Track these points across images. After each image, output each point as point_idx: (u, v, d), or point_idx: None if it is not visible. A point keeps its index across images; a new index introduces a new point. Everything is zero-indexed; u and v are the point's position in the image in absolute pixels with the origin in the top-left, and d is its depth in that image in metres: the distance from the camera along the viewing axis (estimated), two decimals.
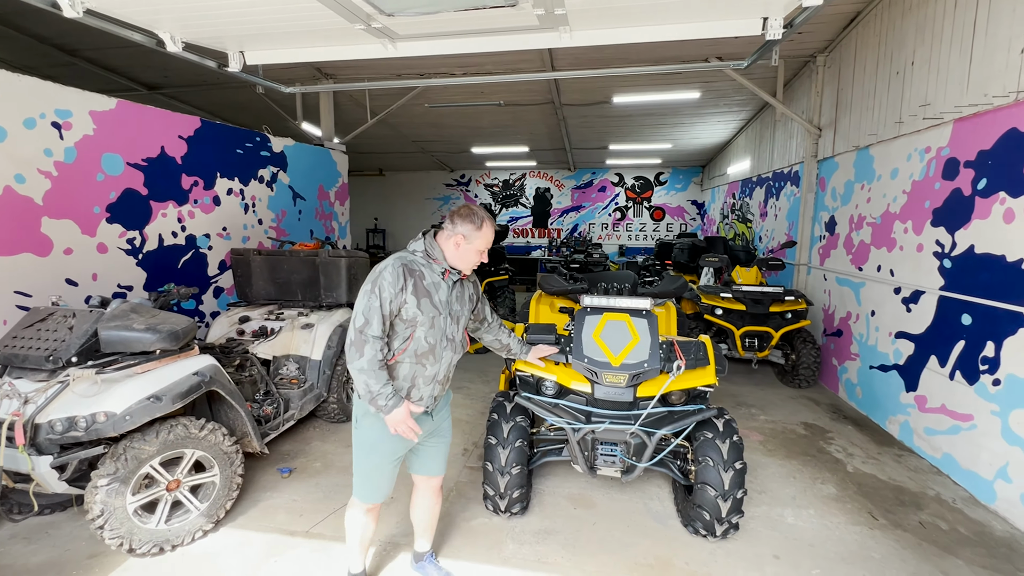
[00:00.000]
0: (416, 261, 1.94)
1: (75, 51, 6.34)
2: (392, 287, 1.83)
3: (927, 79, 3.78)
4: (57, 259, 3.44)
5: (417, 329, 1.91)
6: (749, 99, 7.52)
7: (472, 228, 1.93)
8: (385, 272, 1.85)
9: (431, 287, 1.93)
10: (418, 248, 1.98)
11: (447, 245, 1.97)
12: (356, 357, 1.82)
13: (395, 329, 1.91)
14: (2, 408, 2.37)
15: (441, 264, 1.96)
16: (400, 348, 1.91)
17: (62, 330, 2.54)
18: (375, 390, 1.82)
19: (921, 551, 2.66)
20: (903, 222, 4.08)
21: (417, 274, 1.90)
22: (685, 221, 13.19)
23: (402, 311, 1.87)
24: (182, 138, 4.41)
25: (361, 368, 1.82)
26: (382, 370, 1.83)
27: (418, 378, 1.97)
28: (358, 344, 1.82)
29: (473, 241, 1.95)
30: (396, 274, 1.84)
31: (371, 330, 1.82)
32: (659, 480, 3.29)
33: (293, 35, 3.40)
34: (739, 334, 4.95)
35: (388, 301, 1.83)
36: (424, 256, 1.96)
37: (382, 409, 1.84)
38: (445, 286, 1.98)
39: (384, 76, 6.58)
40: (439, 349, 1.97)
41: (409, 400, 1.96)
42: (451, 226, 1.95)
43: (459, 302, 2.06)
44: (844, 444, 3.91)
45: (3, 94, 3.09)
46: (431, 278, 1.94)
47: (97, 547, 2.57)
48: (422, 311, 1.89)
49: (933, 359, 3.66)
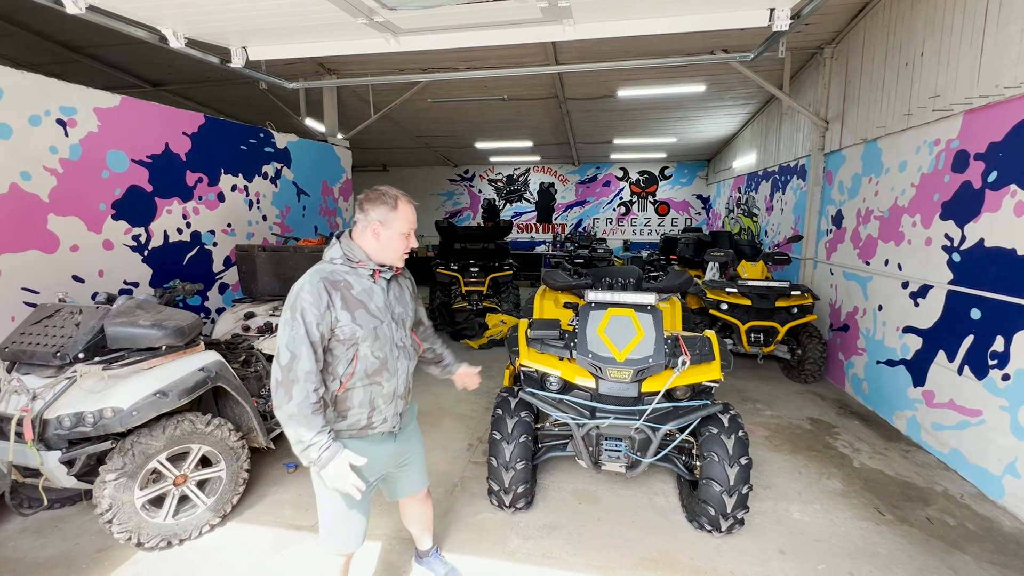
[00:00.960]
0: (337, 271, 1.68)
1: (79, 48, 6.36)
2: (316, 308, 1.58)
3: (937, 70, 3.73)
4: (64, 256, 3.46)
5: (360, 346, 1.66)
6: (755, 92, 7.45)
7: (387, 210, 1.68)
8: (302, 293, 1.59)
9: (363, 295, 1.68)
10: (335, 255, 1.71)
11: (365, 240, 1.71)
12: (284, 401, 1.55)
13: (334, 353, 1.65)
14: (11, 404, 2.40)
15: (367, 265, 1.71)
16: (347, 373, 1.66)
17: (69, 326, 2.56)
18: (307, 439, 1.55)
19: (928, 547, 2.64)
20: (911, 216, 4.04)
21: (342, 285, 1.65)
22: (690, 215, 13.12)
23: (336, 331, 1.62)
24: (186, 135, 4.42)
25: (290, 415, 1.54)
26: (316, 414, 1.57)
27: (376, 399, 1.74)
28: (285, 385, 1.55)
29: (392, 225, 1.69)
30: (317, 292, 1.59)
31: (300, 366, 1.55)
32: (663, 475, 3.28)
33: (296, 30, 3.38)
34: (744, 329, 4.92)
35: (315, 325, 1.57)
36: (345, 262, 1.70)
37: (316, 463, 1.57)
38: (379, 289, 1.74)
39: (387, 71, 6.56)
40: (392, 361, 1.75)
41: (372, 426, 1.76)
42: (363, 216, 1.70)
43: (399, 303, 1.82)
44: (851, 439, 3.89)
45: (8, 91, 3.10)
46: (360, 285, 1.69)
47: (106, 541, 2.60)
48: (360, 325, 1.65)
49: (941, 354, 3.63)
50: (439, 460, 3.51)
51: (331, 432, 1.61)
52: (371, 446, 1.78)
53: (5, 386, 2.45)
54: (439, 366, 2.19)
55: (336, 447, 1.60)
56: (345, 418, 1.71)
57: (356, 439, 1.75)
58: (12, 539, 2.64)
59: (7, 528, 2.73)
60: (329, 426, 1.64)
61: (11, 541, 2.63)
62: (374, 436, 1.79)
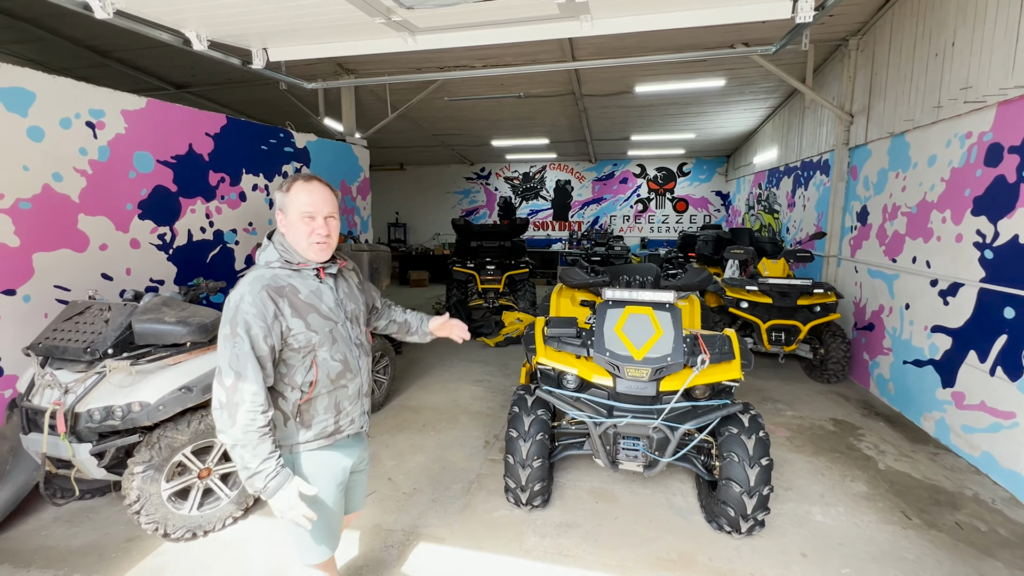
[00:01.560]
0: (278, 275, 1.53)
1: (107, 52, 6.54)
2: (262, 320, 1.43)
3: (969, 61, 3.60)
4: (93, 254, 3.56)
5: (318, 352, 1.55)
6: (777, 86, 7.30)
7: (281, 195, 1.54)
8: (243, 305, 1.43)
9: (311, 298, 1.56)
10: (271, 258, 1.56)
11: (288, 236, 1.57)
12: (228, 425, 1.40)
13: (288, 364, 1.53)
14: (44, 397, 2.48)
15: (308, 265, 1.58)
16: (308, 382, 1.55)
17: (99, 323, 2.63)
18: (253, 466, 1.41)
19: (958, 552, 2.56)
20: (941, 211, 3.91)
21: (288, 290, 1.51)
22: (709, 212, 12.94)
23: (290, 340, 1.50)
24: (209, 135, 4.51)
25: (235, 441, 1.40)
26: (264, 440, 1.42)
27: (342, 402, 1.65)
28: (229, 408, 1.40)
29: (288, 208, 1.53)
30: (260, 302, 1.44)
31: (246, 386, 1.40)
32: (682, 475, 3.25)
33: (315, 31, 3.42)
34: (765, 328, 4.84)
35: (262, 338, 1.44)
36: (284, 264, 1.55)
37: (261, 492, 1.42)
38: (327, 289, 1.61)
39: (404, 70, 6.60)
40: (353, 360, 1.66)
41: (340, 430, 1.65)
42: (276, 208, 1.58)
43: (350, 299, 1.71)
44: (875, 441, 3.79)
45: (41, 96, 3.20)
46: (306, 287, 1.56)
47: (134, 531, 2.68)
48: (315, 330, 1.53)
49: (972, 354, 3.51)
50: (456, 457, 3.53)
51: (280, 458, 1.46)
52: (340, 452, 1.69)
53: (39, 380, 2.54)
54: (412, 333, 2.04)
55: (285, 475, 1.44)
56: (310, 427, 1.60)
57: (325, 448, 1.64)
58: (46, 527, 2.74)
59: (42, 517, 2.83)
60: (288, 444, 1.56)
61: (45, 529, 2.73)
62: (342, 440, 1.69)
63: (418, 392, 4.83)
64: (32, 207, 3.16)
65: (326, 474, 1.64)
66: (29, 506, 2.86)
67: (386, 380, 4.45)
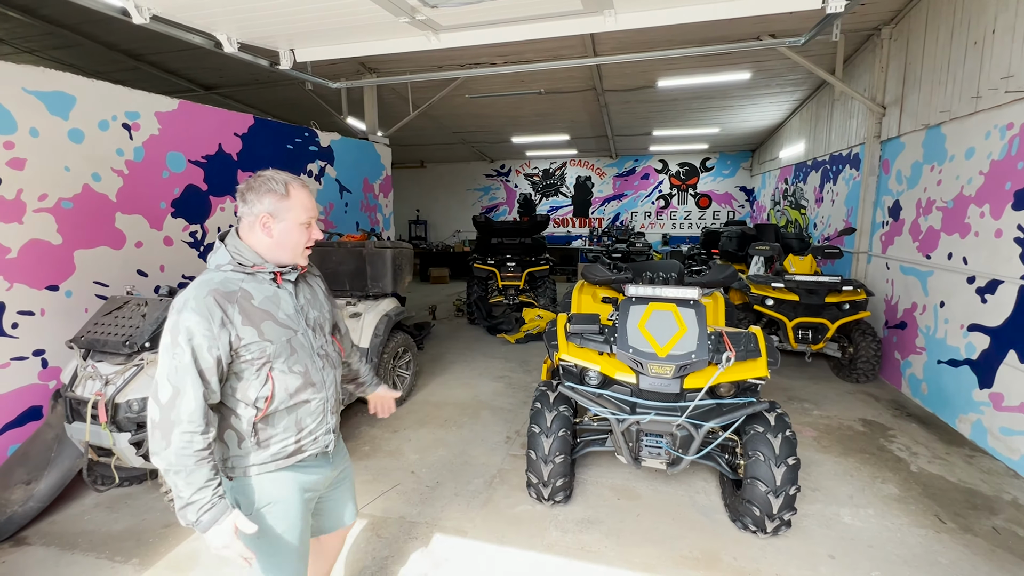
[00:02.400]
0: (229, 279, 1.38)
1: (140, 56, 6.75)
2: (205, 329, 1.28)
3: (1011, 48, 3.45)
4: (129, 252, 3.70)
5: (274, 364, 1.39)
6: (804, 78, 7.11)
7: (275, 199, 1.40)
8: (185, 313, 1.28)
9: (267, 304, 1.41)
10: (221, 261, 1.40)
11: (255, 238, 1.42)
12: (161, 447, 1.25)
13: (241, 377, 1.37)
14: (87, 388, 2.60)
15: (264, 268, 1.43)
16: (264, 397, 1.38)
17: (136, 317, 2.74)
18: (185, 496, 1.24)
19: (995, 558, 2.48)
20: (979, 206, 3.77)
21: (239, 295, 1.36)
22: (733, 208, 12.69)
23: (241, 351, 1.34)
24: (237, 135, 4.63)
25: (168, 464, 1.24)
26: (201, 465, 1.26)
27: (305, 419, 1.47)
28: (163, 427, 1.25)
29: (285, 215, 1.41)
30: (204, 309, 1.29)
31: (183, 404, 1.25)
32: (705, 473, 3.21)
33: (340, 31, 3.48)
34: (791, 326, 4.74)
35: (205, 349, 1.28)
36: (235, 268, 1.40)
37: (194, 525, 1.25)
38: (285, 294, 1.47)
39: (426, 68, 6.64)
40: (315, 373, 1.49)
41: (301, 450, 1.48)
42: (248, 209, 1.41)
43: (312, 306, 1.56)
44: (907, 443, 3.69)
45: (80, 99, 3.33)
46: (261, 293, 1.41)
47: (170, 518, 2.78)
48: (270, 340, 1.38)
49: (1012, 354, 3.38)
50: (477, 452, 3.56)
51: (219, 487, 1.29)
52: (303, 474, 1.51)
53: (82, 372, 2.66)
54: (354, 383, 1.91)
55: (221, 507, 1.27)
56: (268, 447, 1.43)
57: (284, 470, 1.46)
58: (88, 513, 2.87)
59: (84, 503, 2.96)
60: (242, 466, 1.40)
61: (87, 515, 2.86)
62: (306, 460, 1.50)
63: (440, 388, 4.88)
64: (73, 206, 3.30)
65: (286, 500, 1.46)
66: (73, 492, 3.00)
67: (408, 376, 4.51)
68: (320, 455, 1.56)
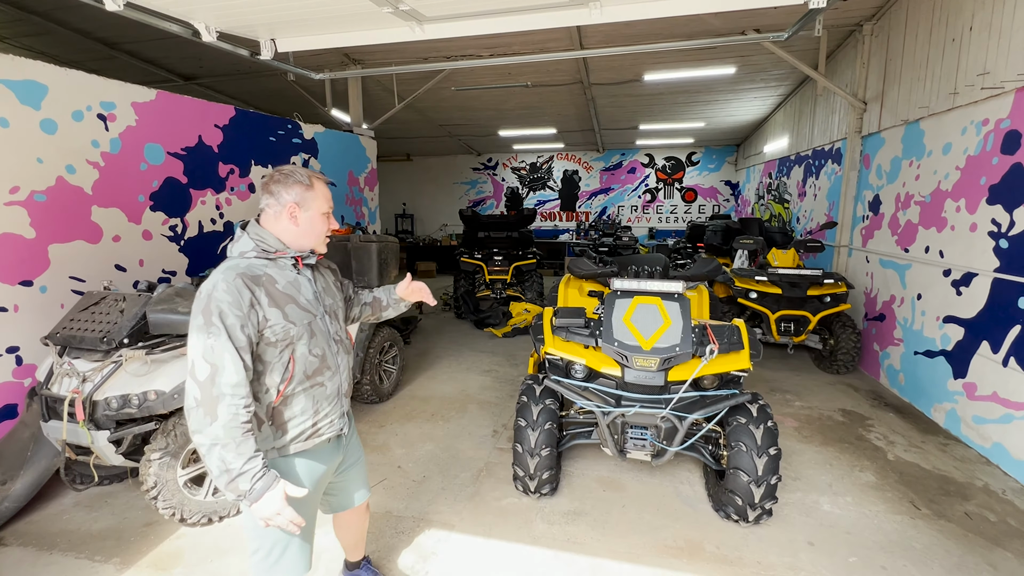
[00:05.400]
0: (254, 265, 1.46)
1: (115, 44, 6.56)
2: (237, 308, 1.36)
3: (987, 45, 3.52)
4: (107, 246, 3.61)
5: (296, 346, 1.48)
6: (788, 73, 7.18)
7: (302, 190, 1.51)
8: (216, 293, 1.35)
9: (289, 288, 1.50)
10: (245, 248, 1.49)
11: (280, 226, 1.52)
12: (206, 423, 1.30)
13: (264, 360, 1.45)
14: (63, 386, 2.54)
15: (286, 254, 1.52)
16: (284, 379, 1.47)
17: (114, 313, 2.68)
18: (236, 467, 1.30)
19: (967, 542, 2.56)
20: (955, 200, 3.86)
21: (264, 279, 1.45)
22: (718, 202, 12.81)
23: (266, 333, 1.42)
24: (218, 127, 4.53)
25: (215, 439, 1.29)
26: (248, 436, 1.33)
27: (321, 403, 1.57)
28: (207, 404, 1.30)
29: (311, 205, 1.53)
30: (234, 291, 1.37)
31: (225, 378, 1.31)
32: (689, 464, 3.26)
33: (322, 21, 3.42)
34: (774, 318, 4.81)
35: (238, 328, 1.35)
36: (259, 254, 1.49)
37: (246, 495, 1.31)
38: (305, 280, 1.57)
39: (411, 60, 6.57)
40: (331, 357, 1.60)
41: (318, 433, 1.57)
42: (274, 200, 1.51)
43: (328, 294, 1.67)
44: (885, 432, 3.78)
45: (53, 88, 3.23)
46: (284, 277, 1.51)
47: (152, 516, 2.74)
48: (294, 322, 1.47)
49: (985, 345, 3.48)
50: (464, 446, 3.57)
51: (264, 458, 1.37)
52: (317, 460, 1.62)
53: (57, 369, 2.60)
54: (385, 307, 1.98)
55: (271, 476, 1.35)
56: (287, 431, 1.51)
57: (303, 454, 1.57)
58: (67, 512, 2.82)
59: (62, 502, 2.90)
60: (263, 449, 1.46)
61: (66, 514, 2.80)
62: (321, 444, 1.62)
63: (427, 382, 4.87)
64: (47, 199, 3.21)
65: (301, 481, 1.56)
66: (50, 491, 2.94)
67: (395, 370, 4.49)
68: (335, 439, 1.68)
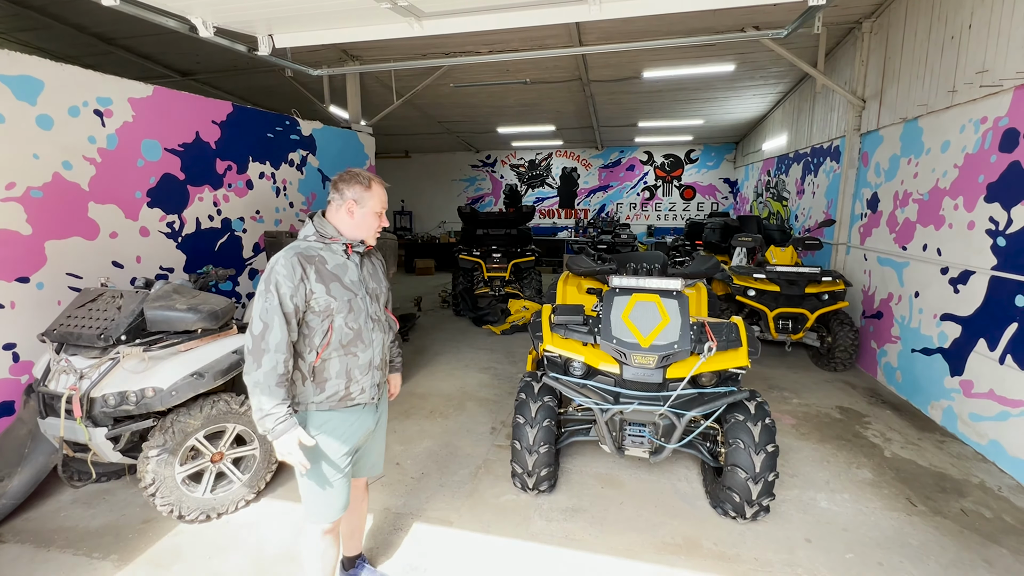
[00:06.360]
0: (311, 247, 1.76)
1: (112, 39, 6.52)
2: (290, 280, 1.65)
3: (986, 43, 3.52)
4: (104, 242, 3.59)
5: (335, 318, 1.75)
6: (787, 70, 7.18)
7: (361, 190, 1.78)
8: (277, 267, 1.65)
9: (337, 269, 1.77)
10: (308, 233, 1.80)
11: (339, 218, 1.80)
12: (253, 368, 1.62)
13: (310, 326, 1.73)
14: (60, 383, 2.53)
15: (339, 241, 1.79)
16: (322, 344, 1.74)
17: (111, 310, 2.67)
18: (266, 408, 1.62)
19: (963, 539, 2.58)
20: (953, 198, 3.86)
21: (317, 259, 1.74)
22: (717, 200, 12.82)
23: (312, 303, 1.70)
24: (215, 123, 4.51)
25: (256, 382, 1.62)
26: (280, 386, 1.64)
27: (353, 370, 1.82)
28: (255, 353, 1.62)
29: (367, 203, 1.79)
30: (291, 265, 1.66)
31: (272, 336, 1.62)
32: (687, 461, 3.27)
33: (320, 17, 3.40)
34: (772, 316, 4.82)
35: (288, 297, 1.65)
36: (318, 238, 1.79)
37: (269, 433, 1.64)
38: (352, 265, 1.82)
39: (409, 56, 6.54)
40: (366, 332, 1.83)
41: (350, 396, 1.83)
42: (338, 196, 1.79)
43: (373, 279, 1.91)
44: (882, 429, 3.80)
45: (49, 84, 3.21)
46: (333, 260, 1.78)
47: (150, 513, 2.74)
48: (335, 296, 1.73)
49: (982, 342, 3.49)
50: (463, 443, 3.57)
51: (291, 408, 1.67)
52: (352, 416, 1.86)
53: (55, 366, 2.59)
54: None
55: (291, 423, 1.65)
56: (324, 390, 1.78)
57: (336, 410, 1.82)
58: (64, 509, 2.81)
59: (60, 499, 2.90)
60: (291, 401, 1.70)
61: (64, 511, 2.80)
62: (354, 407, 1.86)
63: (425, 379, 4.87)
64: (43, 195, 3.19)
65: (335, 434, 1.82)
66: (48, 488, 2.93)
67: None
68: (367, 406, 1.91)
